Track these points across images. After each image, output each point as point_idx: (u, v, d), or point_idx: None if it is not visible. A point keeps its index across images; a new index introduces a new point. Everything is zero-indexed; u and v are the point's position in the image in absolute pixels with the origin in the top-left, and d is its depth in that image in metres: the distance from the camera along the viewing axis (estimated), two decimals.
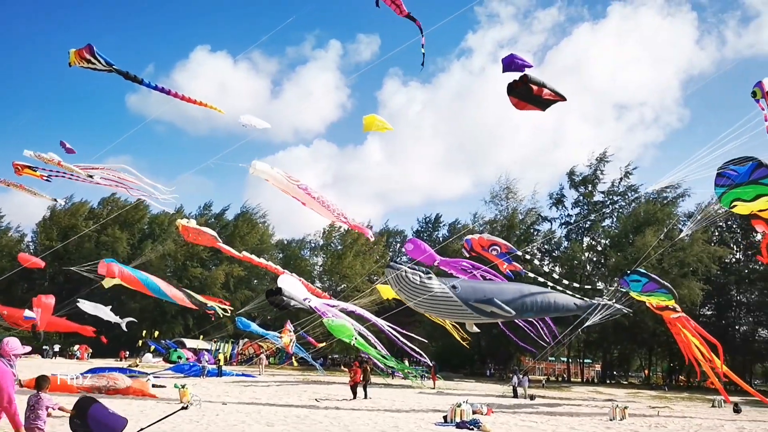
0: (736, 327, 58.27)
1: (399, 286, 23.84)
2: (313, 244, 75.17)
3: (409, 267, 24.49)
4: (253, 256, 29.64)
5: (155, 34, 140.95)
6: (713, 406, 32.14)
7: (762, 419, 25.18)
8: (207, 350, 50.74)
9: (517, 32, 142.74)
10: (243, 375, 37.62)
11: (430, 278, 24.23)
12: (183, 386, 20.42)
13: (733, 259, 59.46)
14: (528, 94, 13.50)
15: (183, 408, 9.66)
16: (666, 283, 25.79)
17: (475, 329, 28.85)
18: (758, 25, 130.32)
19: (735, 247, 60.24)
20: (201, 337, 54.87)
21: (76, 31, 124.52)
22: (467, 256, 27.55)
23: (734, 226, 60.53)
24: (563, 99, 13.68)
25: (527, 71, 13.43)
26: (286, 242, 76.57)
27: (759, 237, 59.36)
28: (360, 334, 30.36)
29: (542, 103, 13.81)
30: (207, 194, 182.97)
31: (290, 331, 39.88)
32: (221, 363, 41.69)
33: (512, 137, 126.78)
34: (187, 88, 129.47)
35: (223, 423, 15.72)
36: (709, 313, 58.58)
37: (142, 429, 8.91)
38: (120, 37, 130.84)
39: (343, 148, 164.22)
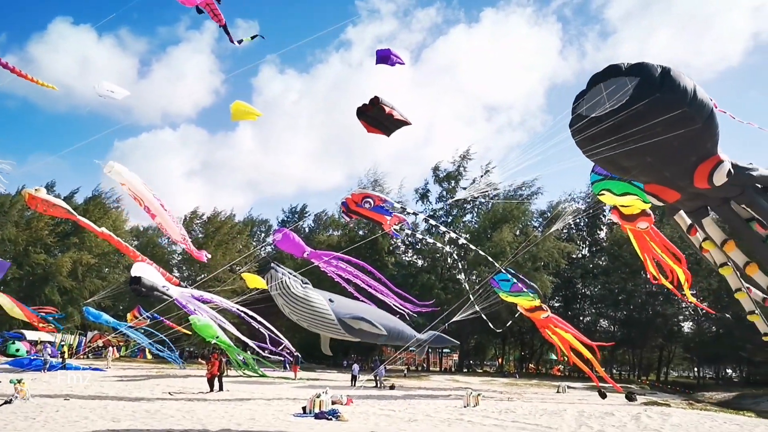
0: (581, 317, 62.71)
1: (278, 290, 23.33)
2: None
3: (290, 272, 24.05)
4: (113, 235, 27.20)
5: (9, 1, 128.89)
6: (558, 391, 34.39)
7: (602, 403, 27.12)
8: (50, 343, 46.99)
9: (397, 29, 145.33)
10: (90, 369, 35.22)
11: (306, 287, 24.02)
12: (19, 381, 18.62)
13: (580, 255, 63.91)
14: (379, 116, 13.81)
15: (6, 402, 8.66)
16: (532, 284, 26.88)
17: (328, 351, 29.39)
18: (615, 41, 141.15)
19: (581, 243, 64.82)
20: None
21: None
22: (347, 219, 27.05)
23: (581, 224, 65.08)
24: (409, 123, 14.20)
25: (381, 97, 13.74)
26: (142, 229, 72.62)
27: (603, 235, 64.25)
28: (220, 326, 29.34)
29: (388, 128, 14.23)
30: (59, 176, 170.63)
31: (139, 316, 37.95)
32: (66, 356, 38.71)
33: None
34: (44, 62, 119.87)
35: (63, 419, 14.42)
36: (557, 304, 62.58)
37: None
38: None
39: (214, 135, 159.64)
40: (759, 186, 11.44)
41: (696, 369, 71.14)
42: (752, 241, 11.59)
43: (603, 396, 29.00)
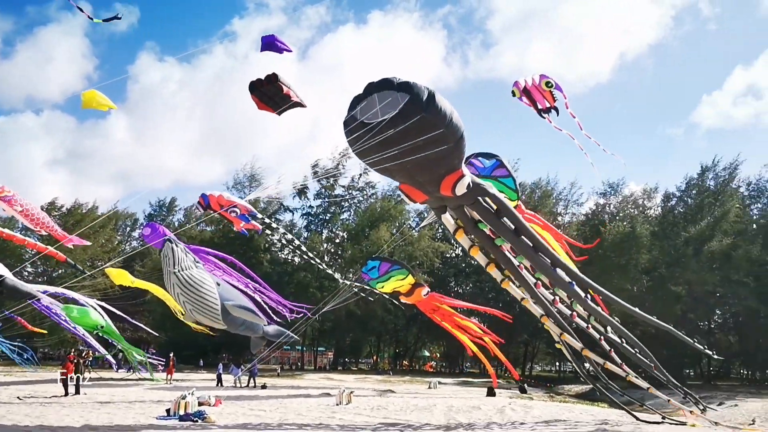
0: None
1: (172, 268, 22.07)
2: (23, 224, 66.72)
3: (186, 250, 22.93)
4: None
5: None
6: (429, 387, 35.11)
7: (469, 396, 27.91)
8: None
9: (285, 24, 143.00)
10: None
11: (198, 265, 23.12)
12: None
13: (453, 254, 65.71)
14: (274, 93, 13.72)
15: None
16: (397, 260, 26.78)
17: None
18: (497, 51, 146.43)
19: (455, 243, 66.63)
20: None
21: None
22: (200, 209, 25.97)
23: None
24: (304, 106, 14.22)
25: (280, 75, 13.58)
26: None
27: None
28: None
29: (279, 106, 14.06)
30: None
31: None
32: None
33: (272, 127, 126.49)
34: None
35: None
36: None
37: None
38: None
39: (83, 122, 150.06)
40: (492, 205, 14.46)
41: (557, 363, 75.21)
42: (480, 237, 15.48)
43: (492, 394, 29.87)
